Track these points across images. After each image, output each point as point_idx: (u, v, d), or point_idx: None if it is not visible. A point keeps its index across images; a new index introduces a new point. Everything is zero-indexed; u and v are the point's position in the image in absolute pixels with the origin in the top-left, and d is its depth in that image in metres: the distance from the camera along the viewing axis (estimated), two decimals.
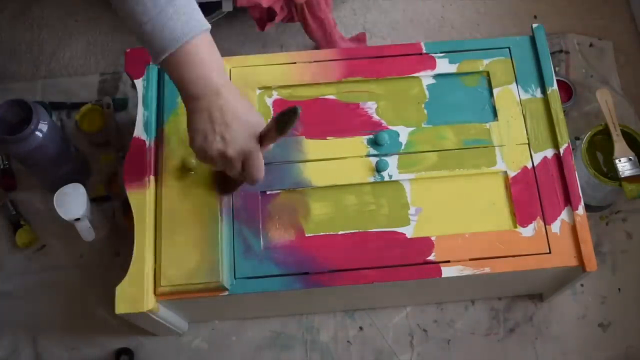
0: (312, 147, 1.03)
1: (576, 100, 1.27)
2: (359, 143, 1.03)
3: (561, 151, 1.01)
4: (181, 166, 0.98)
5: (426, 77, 1.08)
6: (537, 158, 1.01)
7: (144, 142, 1.01)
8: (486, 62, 1.08)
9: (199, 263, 0.94)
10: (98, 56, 1.37)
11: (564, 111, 1.06)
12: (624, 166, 1.09)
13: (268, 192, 1.01)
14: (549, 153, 1.02)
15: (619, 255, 1.18)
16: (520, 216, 0.98)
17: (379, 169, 1.01)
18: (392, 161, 1.02)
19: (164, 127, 1.02)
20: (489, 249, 0.96)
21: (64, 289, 1.17)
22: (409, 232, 0.99)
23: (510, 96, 1.05)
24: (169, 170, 0.99)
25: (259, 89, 1.06)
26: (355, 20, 1.41)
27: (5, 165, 1.25)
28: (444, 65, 1.07)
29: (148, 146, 1.01)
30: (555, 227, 0.97)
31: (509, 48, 1.09)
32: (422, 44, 1.09)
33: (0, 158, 1.25)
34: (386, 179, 1.01)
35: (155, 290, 0.94)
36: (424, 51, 1.09)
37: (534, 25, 1.09)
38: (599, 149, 1.14)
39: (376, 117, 1.05)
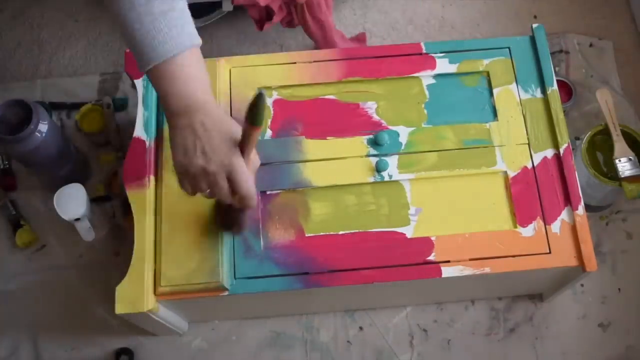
0: (312, 147, 1.03)
1: (576, 100, 1.27)
2: (359, 143, 1.03)
3: (561, 151, 1.01)
4: None
5: (426, 77, 1.08)
6: (537, 158, 1.01)
7: (144, 142, 1.01)
8: (486, 62, 1.08)
9: (199, 263, 0.94)
10: (98, 56, 1.37)
11: (564, 111, 1.06)
12: (624, 166, 1.09)
13: (268, 192, 1.01)
14: (549, 153, 1.02)
15: (619, 255, 1.18)
16: (520, 216, 0.98)
17: (379, 169, 1.01)
18: (392, 161, 1.02)
19: (164, 127, 1.02)
20: (489, 249, 0.96)
21: (63, 289, 1.17)
22: (409, 232, 0.99)
23: (510, 96, 1.05)
24: (169, 170, 0.99)
25: (259, 89, 1.06)
26: (355, 20, 1.41)
27: (5, 165, 1.25)
28: (444, 65, 1.07)
29: (148, 146, 1.01)
30: (555, 227, 0.97)
31: (509, 48, 1.09)
32: (422, 44, 1.09)
33: (0, 158, 1.25)
34: (386, 179, 1.01)
35: (155, 290, 0.94)
36: (424, 51, 1.09)
37: (534, 25, 1.09)
38: (599, 149, 1.14)
39: (376, 117, 1.05)
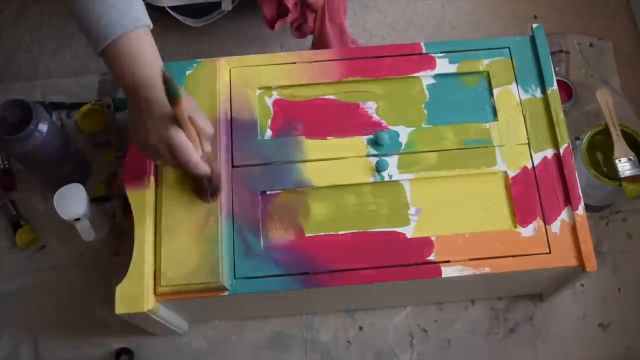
0: (312, 147, 1.03)
1: (576, 100, 1.27)
2: (359, 143, 1.03)
3: (561, 151, 1.01)
4: None
5: (426, 77, 1.08)
6: (537, 158, 1.01)
7: None
8: (486, 62, 1.08)
9: (199, 263, 0.94)
10: None
11: (564, 111, 1.06)
12: (624, 166, 1.09)
13: (268, 192, 1.01)
14: (549, 153, 1.02)
15: (619, 255, 1.18)
16: (520, 216, 0.98)
17: (379, 169, 1.01)
18: (392, 161, 1.02)
19: None
20: (489, 249, 0.96)
21: (64, 289, 1.17)
22: (409, 232, 0.99)
23: (510, 96, 1.05)
24: (169, 171, 0.99)
25: (259, 89, 1.06)
26: (355, 20, 1.41)
27: (5, 165, 1.25)
28: (444, 65, 1.07)
29: None
30: (555, 227, 0.97)
31: (509, 48, 1.09)
32: (422, 44, 1.09)
33: (0, 158, 1.25)
34: (386, 179, 1.01)
35: (155, 290, 0.94)
36: (424, 51, 1.09)
37: (534, 25, 1.09)
38: (599, 149, 1.14)
39: (376, 117, 1.05)
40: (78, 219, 1.07)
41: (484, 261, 0.96)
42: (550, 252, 0.96)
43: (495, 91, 1.06)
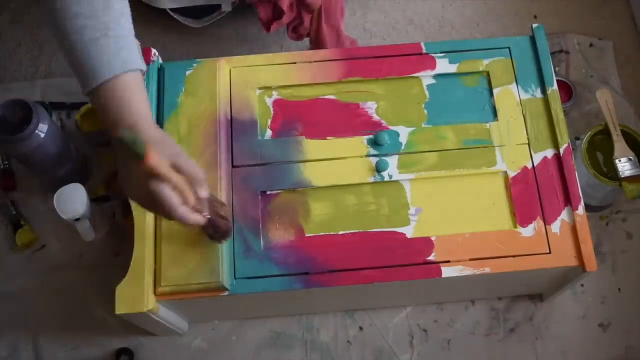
0: (312, 147, 1.03)
1: (576, 100, 1.27)
2: (359, 143, 1.03)
3: (561, 151, 1.01)
4: None
5: (426, 77, 1.08)
6: (537, 158, 1.01)
7: None
8: (486, 62, 1.08)
9: (199, 263, 0.94)
10: None
11: (564, 111, 1.06)
12: (624, 166, 1.09)
13: (268, 192, 1.01)
14: (549, 153, 1.02)
15: (619, 255, 1.18)
16: (520, 216, 0.98)
17: (379, 169, 1.01)
18: (392, 161, 1.02)
19: (164, 126, 1.02)
20: (489, 249, 0.96)
21: (63, 289, 1.17)
22: (409, 232, 0.99)
23: (510, 96, 1.05)
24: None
25: (259, 89, 1.06)
26: (355, 20, 1.41)
27: (5, 165, 1.25)
28: (444, 65, 1.07)
29: None
30: (555, 227, 0.97)
31: (509, 48, 1.09)
32: (422, 44, 1.09)
33: (0, 158, 1.25)
34: (386, 179, 1.01)
35: (155, 290, 0.94)
36: (424, 51, 1.09)
37: (534, 25, 1.09)
38: (599, 149, 1.14)
39: (376, 117, 1.05)
40: (78, 219, 1.07)
41: (484, 261, 0.96)
42: (550, 252, 0.96)
43: (495, 91, 1.06)
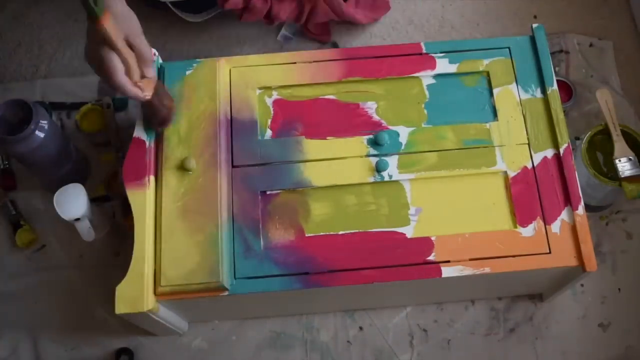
0: (312, 147, 1.03)
1: (576, 100, 1.27)
2: (359, 143, 1.03)
3: (561, 151, 1.01)
4: (181, 166, 0.98)
5: (426, 77, 1.08)
6: (537, 158, 1.01)
7: (144, 142, 1.01)
8: (486, 62, 1.08)
9: (199, 263, 0.94)
10: None
11: (564, 111, 1.06)
12: (624, 166, 1.09)
13: (268, 192, 1.01)
14: (549, 153, 1.02)
15: (619, 255, 1.18)
16: (520, 216, 0.98)
17: (379, 169, 1.01)
18: (392, 161, 1.02)
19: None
20: (489, 249, 0.96)
21: (64, 289, 1.17)
22: (409, 232, 0.99)
23: (510, 96, 1.05)
24: (169, 170, 0.99)
25: (259, 89, 1.06)
26: None
27: (5, 165, 1.25)
28: (444, 65, 1.07)
29: (148, 146, 1.01)
30: (555, 227, 0.97)
31: (509, 48, 1.09)
32: (422, 44, 1.09)
33: (0, 158, 1.25)
34: (386, 179, 1.01)
35: (155, 290, 0.94)
36: (424, 51, 1.09)
37: (534, 25, 1.09)
38: (599, 149, 1.14)
39: (376, 117, 1.05)
40: (78, 219, 1.07)
41: (484, 261, 0.96)
42: (550, 252, 0.96)
43: (495, 91, 1.06)
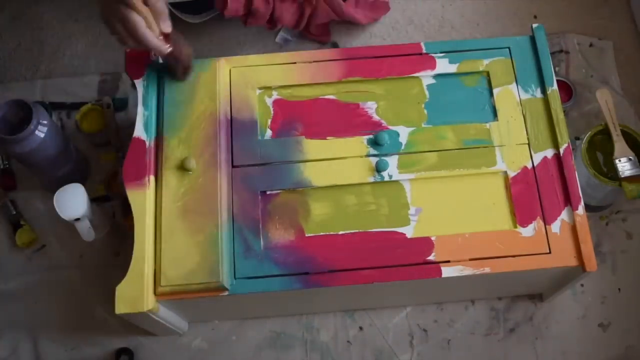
0: (312, 147, 1.03)
1: (576, 100, 1.27)
2: (359, 143, 1.03)
3: (561, 151, 1.01)
4: (181, 166, 0.98)
5: (426, 77, 1.08)
6: (537, 158, 1.01)
7: (144, 142, 1.01)
8: (486, 62, 1.08)
9: (199, 263, 0.94)
10: (98, 56, 1.37)
11: (564, 111, 1.06)
12: (624, 166, 1.09)
13: (268, 192, 1.01)
14: (549, 153, 1.02)
15: (619, 255, 1.18)
16: (520, 216, 0.98)
17: (379, 169, 1.01)
18: (392, 161, 1.02)
19: (164, 127, 1.02)
20: (489, 249, 0.96)
21: (63, 289, 1.17)
22: (409, 232, 0.99)
23: (510, 96, 1.05)
24: (169, 170, 0.99)
25: (259, 89, 1.06)
26: None
27: (5, 165, 1.25)
28: (444, 65, 1.07)
29: (148, 146, 1.01)
30: (555, 227, 0.97)
31: (509, 48, 1.09)
32: (422, 44, 1.09)
33: (0, 158, 1.25)
34: (386, 179, 1.01)
35: (155, 290, 0.94)
36: (424, 51, 1.09)
37: (534, 25, 1.09)
38: (599, 149, 1.14)
39: (376, 117, 1.05)
40: (78, 219, 1.07)
41: (484, 261, 0.96)
42: (550, 252, 0.96)
43: (495, 91, 1.06)
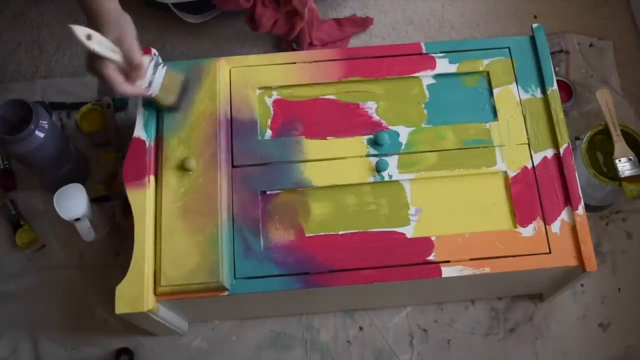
0: (312, 147, 1.03)
1: (576, 100, 1.27)
2: (359, 143, 1.03)
3: (561, 151, 1.01)
4: (181, 166, 0.98)
5: (426, 77, 1.08)
6: (537, 158, 1.01)
7: (144, 142, 1.01)
8: (486, 62, 1.08)
9: (199, 263, 0.94)
10: None
11: (564, 111, 1.06)
12: (624, 166, 1.09)
13: (268, 192, 1.01)
14: (549, 153, 1.02)
15: (619, 255, 1.18)
16: (520, 216, 0.98)
17: (379, 169, 1.01)
18: (392, 161, 1.02)
19: (164, 127, 1.02)
20: (489, 249, 0.96)
21: (64, 289, 1.17)
22: (409, 232, 0.99)
23: (510, 96, 1.05)
24: (169, 170, 0.99)
25: (259, 89, 1.06)
26: None
27: (5, 165, 1.25)
28: (444, 65, 1.07)
29: (148, 146, 1.01)
30: (555, 227, 0.97)
31: (509, 48, 1.09)
32: (422, 44, 1.09)
33: (0, 158, 1.25)
34: (386, 179, 1.01)
35: (155, 290, 0.94)
36: (424, 51, 1.09)
37: (534, 25, 1.09)
38: (599, 149, 1.14)
39: (376, 117, 1.05)
40: (78, 219, 1.07)
41: (484, 261, 0.96)
42: (550, 252, 0.96)
43: (495, 91, 1.06)
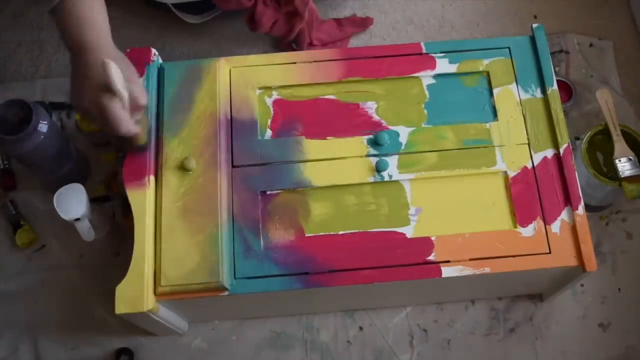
0: (312, 147, 1.03)
1: (576, 100, 1.27)
2: (359, 143, 1.03)
3: (561, 151, 1.01)
4: (181, 166, 0.98)
5: (426, 77, 1.08)
6: (537, 158, 1.01)
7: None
8: (486, 62, 1.08)
9: (199, 263, 0.94)
10: None
11: (564, 111, 1.06)
12: (624, 166, 1.09)
13: (268, 192, 1.01)
14: (549, 153, 1.02)
15: (619, 255, 1.18)
16: (520, 216, 0.98)
17: (379, 169, 1.01)
18: (392, 161, 1.02)
19: (164, 127, 1.02)
20: (489, 249, 0.96)
21: (63, 289, 1.17)
22: (409, 232, 0.99)
23: (510, 96, 1.05)
24: (169, 170, 0.99)
25: (259, 89, 1.06)
26: None
27: (5, 165, 1.25)
28: (444, 65, 1.07)
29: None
30: (555, 227, 0.97)
31: (509, 48, 1.09)
32: (422, 44, 1.09)
33: (0, 158, 1.25)
34: (386, 179, 1.01)
35: (155, 290, 0.94)
36: (424, 51, 1.09)
37: (534, 25, 1.09)
38: (599, 149, 1.14)
39: (376, 117, 1.05)
40: (78, 219, 1.07)
41: (484, 261, 0.96)
42: (550, 252, 0.96)
43: (495, 91, 1.06)
